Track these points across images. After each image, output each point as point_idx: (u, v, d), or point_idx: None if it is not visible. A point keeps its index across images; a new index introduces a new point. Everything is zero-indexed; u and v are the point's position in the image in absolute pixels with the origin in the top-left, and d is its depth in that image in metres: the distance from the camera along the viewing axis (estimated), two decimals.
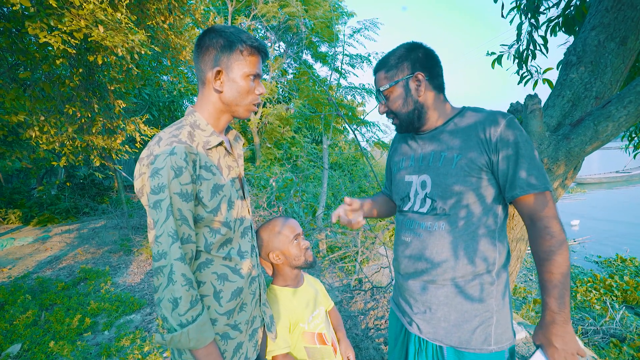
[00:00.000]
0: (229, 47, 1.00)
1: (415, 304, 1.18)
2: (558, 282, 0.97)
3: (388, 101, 1.16)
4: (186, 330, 0.89)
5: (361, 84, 13.08)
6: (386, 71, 1.14)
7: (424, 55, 1.12)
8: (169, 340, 0.90)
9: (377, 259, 5.41)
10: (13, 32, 3.09)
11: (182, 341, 0.90)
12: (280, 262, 1.36)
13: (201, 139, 1.02)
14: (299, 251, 1.35)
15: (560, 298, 0.97)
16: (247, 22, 11.25)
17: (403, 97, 1.13)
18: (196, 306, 0.91)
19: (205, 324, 0.93)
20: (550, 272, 0.98)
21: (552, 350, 0.98)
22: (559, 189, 1.92)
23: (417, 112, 1.14)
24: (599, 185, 18.69)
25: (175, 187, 0.90)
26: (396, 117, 1.18)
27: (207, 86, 1.04)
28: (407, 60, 1.12)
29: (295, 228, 1.36)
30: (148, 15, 3.67)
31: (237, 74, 1.02)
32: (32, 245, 7.13)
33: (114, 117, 4.39)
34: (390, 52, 1.16)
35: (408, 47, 1.14)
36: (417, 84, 1.12)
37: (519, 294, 5.22)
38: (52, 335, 3.34)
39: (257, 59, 1.05)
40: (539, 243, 1.01)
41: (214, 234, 1.01)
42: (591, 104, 1.72)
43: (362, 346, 2.52)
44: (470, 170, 1.05)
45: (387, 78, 1.14)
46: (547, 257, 0.99)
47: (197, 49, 1.03)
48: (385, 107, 1.19)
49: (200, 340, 0.92)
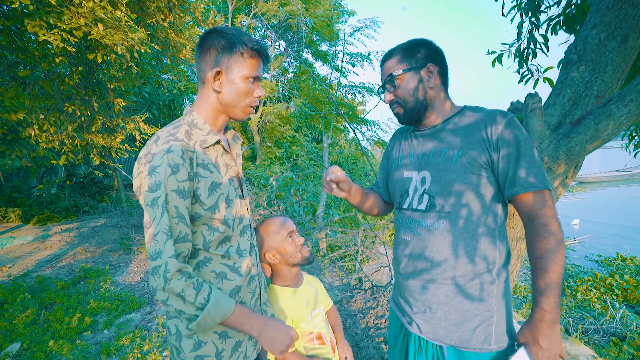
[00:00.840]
0: (230, 49, 1.01)
1: (415, 304, 1.17)
2: (552, 281, 0.97)
3: (397, 89, 1.14)
4: (206, 311, 0.91)
5: (361, 83, 13.08)
6: (400, 58, 1.13)
7: (435, 51, 1.14)
8: (195, 327, 0.92)
9: (377, 257, 5.41)
10: (12, 30, 3.08)
11: (208, 322, 0.92)
12: (277, 261, 1.36)
13: (198, 137, 1.02)
14: (295, 248, 1.35)
15: (552, 297, 0.96)
16: (248, 21, 11.23)
17: (414, 86, 1.12)
18: (203, 288, 0.93)
19: (219, 299, 0.95)
20: (546, 270, 0.98)
21: (536, 348, 0.97)
22: (559, 188, 1.91)
23: (424, 104, 1.14)
24: (599, 184, 18.68)
25: (172, 184, 0.90)
26: (401, 107, 1.16)
27: (206, 86, 1.04)
28: (420, 51, 1.12)
29: (288, 225, 1.36)
30: (148, 14, 3.66)
31: (236, 76, 1.02)
32: (31, 244, 7.13)
33: (113, 115, 4.38)
34: (403, 43, 1.16)
35: (420, 40, 1.15)
36: (428, 75, 1.12)
37: (519, 293, 5.22)
38: (51, 334, 3.34)
39: (258, 61, 1.05)
40: (537, 241, 1.01)
41: (213, 232, 1.01)
42: (592, 103, 1.71)
43: (362, 345, 2.52)
44: (471, 168, 1.05)
45: (401, 64, 1.13)
46: (544, 255, 0.99)
47: (199, 48, 1.04)
48: (393, 95, 1.16)
49: (224, 312, 0.95)
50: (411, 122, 1.20)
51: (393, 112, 1.20)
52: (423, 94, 1.13)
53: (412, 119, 1.17)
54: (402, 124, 1.23)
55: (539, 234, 1.00)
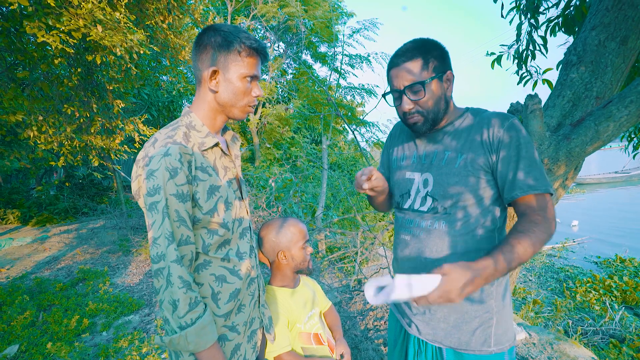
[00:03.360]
0: (227, 47, 0.98)
1: (415, 305, 1.17)
2: (511, 255, 0.92)
3: (424, 97, 1.04)
4: (184, 333, 0.88)
5: (361, 84, 13.09)
6: (423, 63, 1.02)
7: (447, 54, 1.08)
8: (167, 342, 0.89)
9: (377, 259, 5.40)
10: (11, 31, 3.07)
11: (180, 344, 0.89)
12: (285, 263, 1.35)
13: (196, 140, 1.01)
14: (305, 257, 1.36)
15: (496, 263, 0.91)
16: (247, 22, 11.24)
17: (439, 94, 1.05)
18: (196, 308, 0.90)
19: (205, 327, 0.91)
20: (511, 247, 0.93)
21: (445, 278, 0.89)
22: (559, 189, 1.91)
23: (444, 113, 1.10)
24: (598, 185, 18.69)
25: (171, 188, 0.89)
26: (422, 116, 1.07)
27: (203, 85, 1.03)
28: (437, 56, 1.04)
29: (306, 234, 1.37)
30: (147, 15, 3.66)
31: (233, 75, 1.00)
32: (30, 246, 7.11)
33: (112, 117, 4.37)
34: (419, 43, 1.05)
35: (433, 42, 1.06)
36: (447, 83, 1.08)
37: (518, 294, 5.22)
38: (49, 336, 3.32)
39: (256, 60, 1.02)
40: (526, 226, 0.96)
41: (212, 235, 1.00)
42: (592, 104, 1.71)
43: (362, 347, 2.51)
44: (473, 171, 1.04)
45: (426, 70, 1.03)
46: (526, 235, 0.94)
47: (196, 47, 1.01)
48: (414, 103, 1.06)
49: (200, 344, 0.91)
50: (428, 131, 1.12)
51: (408, 122, 1.10)
52: (445, 103, 1.08)
53: (431, 128, 1.11)
54: (419, 132, 1.13)
55: (532, 221, 0.97)
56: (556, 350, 2.70)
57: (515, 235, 0.95)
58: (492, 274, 0.91)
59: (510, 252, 0.93)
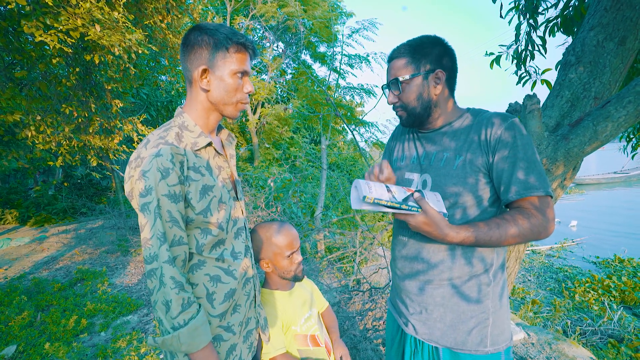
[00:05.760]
0: (215, 45, 0.98)
1: (412, 305, 1.16)
2: (496, 231, 0.96)
3: (402, 92, 1.10)
4: (177, 333, 0.88)
5: (360, 84, 13.10)
6: (408, 61, 1.07)
7: (447, 53, 1.08)
8: (160, 342, 0.89)
9: (376, 259, 5.40)
10: (9, 30, 3.07)
11: (173, 344, 0.89)
12: (270, 271, 1.34)
13: (189, 140, 1.00)
14: (290, 265, 1.30)
15: (476, 231, 0.97)
16: (246, 22, 11.23)
17: (420, 91, 1.08)
18: (189, 309, 0.90)
19: (198, 328, 0.91)
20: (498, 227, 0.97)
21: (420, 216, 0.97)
22: (557, 190, 1.91)
23: (428, 109, 1.11)
24: (597, 185, 18.72)
25: (163, 188, 0.89)
26: (405, 111, 1.12)
27: (194, 85, 1.02)
28: (431, 55, 1.06)
29: (293, 243, 1.30)
30: (145, 15, 3.65)
31: (223, 72, 1.00)
32: (28, 246, 7.10)
33: (111, 116, 4.36)
34: (413, 42, 1.09)
35: (433, 41, 1.08)
36: (436, 81, 1.08)
37: (517, 294, 5.22)
38: (47, 336, 3.31)
39: (245, 55, 1.02)
40: (522, 217, 0.97)
41: (205, 235, 1.00)
42: (590, 104, 1.71)
43: (360, 347, 2.51)
44: (471, 171, 1.04)
45: (408, 68, 1.07)
46: (509, 220, 0.97)
47: (183, 47, 1.01)
48: (397, 97, 1.12)
49: (192, 345, 0.91)
50: (414, 126, 1.17)
51: (396, 114, 1.17)
52: (428, 100, 1.09)
53: (415, 123, 1.15)
54: (404, 126, 1.20)
55: (530, 215, 0.97)
56: (555, 350, 2.70)
57: (505, 215, 0.99)
58: (467, 237, 0.97)
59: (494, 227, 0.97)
